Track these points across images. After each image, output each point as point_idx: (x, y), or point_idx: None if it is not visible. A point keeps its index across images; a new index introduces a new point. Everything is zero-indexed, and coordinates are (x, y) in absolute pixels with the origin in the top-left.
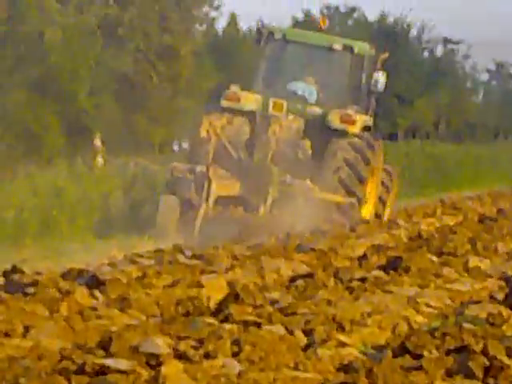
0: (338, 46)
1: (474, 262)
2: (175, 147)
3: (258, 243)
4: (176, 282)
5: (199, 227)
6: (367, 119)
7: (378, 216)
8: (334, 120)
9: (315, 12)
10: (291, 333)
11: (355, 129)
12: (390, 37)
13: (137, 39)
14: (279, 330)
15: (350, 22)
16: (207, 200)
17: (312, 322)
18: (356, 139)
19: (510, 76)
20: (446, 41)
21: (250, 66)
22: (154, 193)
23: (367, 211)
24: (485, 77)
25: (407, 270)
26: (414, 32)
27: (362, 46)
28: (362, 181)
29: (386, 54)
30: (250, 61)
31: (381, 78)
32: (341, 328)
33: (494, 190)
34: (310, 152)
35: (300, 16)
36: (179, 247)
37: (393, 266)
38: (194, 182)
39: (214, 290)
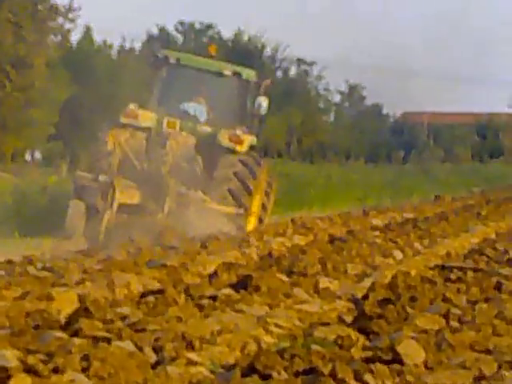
0: (227, 72)
1: (323, 282)
2: (28, 157)
3: (109, 256)
4: (26, 294)
5: (104, 231)
6: (252, 139)
7: (260, 221)
8: (224, 139)
9: (169, 28)
10: (141, 349)
11: (243, 148)
12: (245, 55)
13: None
14: (129, 346)
15: (204, 40)
16: (111, 206)
17: (162, 339)
18: (245, 156)
19: (362, 98)
20: (300, 61)
21: (103, 78)
22: (3, 200)
23: (251, 223)
24: (337, 98)
25: (257, 290)
26: (268, 51)
27: (248, 73)
28: (249, 192)
29: (269, 81)
30: (103, 73)
31: (263, 102)
32: (190, 346)
33: (344, 210)
34: (201, 166)
35: (155, 31)
36: (29, 258)
37: (243, 284)
38: (99, 190)
39: (64, 304)
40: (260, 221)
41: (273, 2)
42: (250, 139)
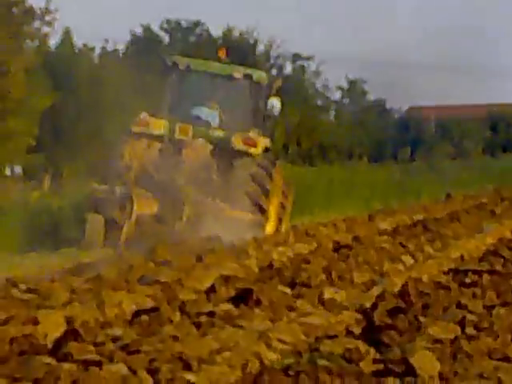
0: (238, 75)
1: (329, 293)
2: (7, 171)
3: (98, 275)
4: (10, 319)
5: (123, 243)
6: (266, 141)
7: (280, 221)
8: (237, 142)
9: (154, 27)
10: (135, 372)
11: (257, 150)
12: (236, 52)
13: None
14: (122, 369)
15: (192, 38)
16: (130, 218)
17: (157, 360)
18: (260, 158)
19: (363, 93)
20: (296, 56)
21: (86, 84)
22: None
23: (270, 226)
24: (337, 95)
25: (258, 303)
26: (261, 48)
27: (259, 74)
28: (267, 194)
29: (280, 81)
30: (86, 78)
31: (276, 102)
32: (187, 367)
33: (348, 215)
34: (217, 172)
35: (139, 31)
36: (13, 281)
37: (243, 298)
38: (117, 202)
39: (51, 327)
40: (279, 221)
41: None
42: (264, 141)
